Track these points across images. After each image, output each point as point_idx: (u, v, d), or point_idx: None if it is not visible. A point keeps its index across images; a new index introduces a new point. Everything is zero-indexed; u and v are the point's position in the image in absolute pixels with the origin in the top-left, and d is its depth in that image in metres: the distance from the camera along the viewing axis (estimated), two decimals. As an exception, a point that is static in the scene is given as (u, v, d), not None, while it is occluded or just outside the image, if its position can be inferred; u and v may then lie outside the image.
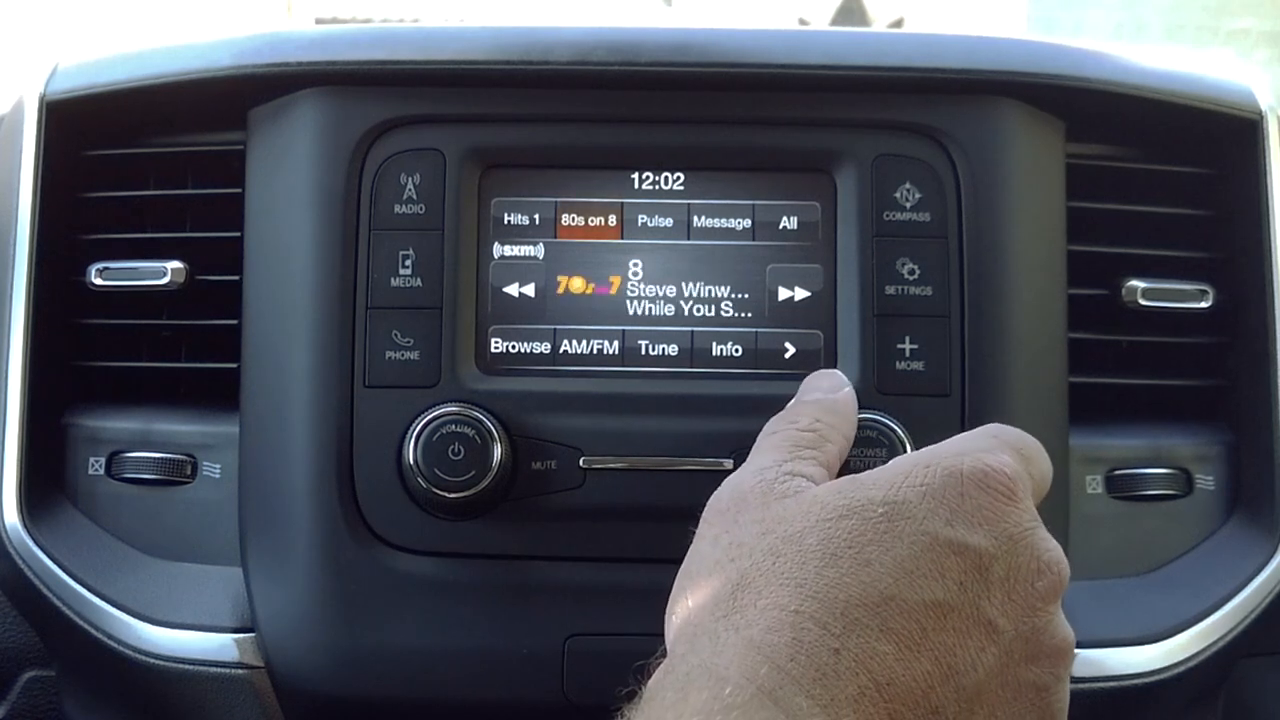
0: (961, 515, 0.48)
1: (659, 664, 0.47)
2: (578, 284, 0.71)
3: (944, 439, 0.52)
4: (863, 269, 0.70)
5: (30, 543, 0.72)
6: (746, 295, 0.71)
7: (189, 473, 0.74)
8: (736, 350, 0.70)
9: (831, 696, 0.43)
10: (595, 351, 0.70)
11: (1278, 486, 0.73)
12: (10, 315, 0.73)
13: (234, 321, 0.73)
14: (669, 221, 0.71)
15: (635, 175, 0.71)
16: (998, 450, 0.51)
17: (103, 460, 0.75)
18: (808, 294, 0.71)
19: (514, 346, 0.70)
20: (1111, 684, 0.70)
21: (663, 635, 0.52)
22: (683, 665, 0.46)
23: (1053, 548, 0.49)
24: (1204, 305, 0.76)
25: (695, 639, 0.47)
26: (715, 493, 0.54)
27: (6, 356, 0.73)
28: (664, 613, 0.53)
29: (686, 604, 0.50)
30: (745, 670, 0.44)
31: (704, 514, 0.54)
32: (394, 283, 0.69)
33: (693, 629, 0.48)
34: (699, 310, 0.71)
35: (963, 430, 0.67)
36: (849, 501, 0.49)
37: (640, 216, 0.71)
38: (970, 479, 0.49)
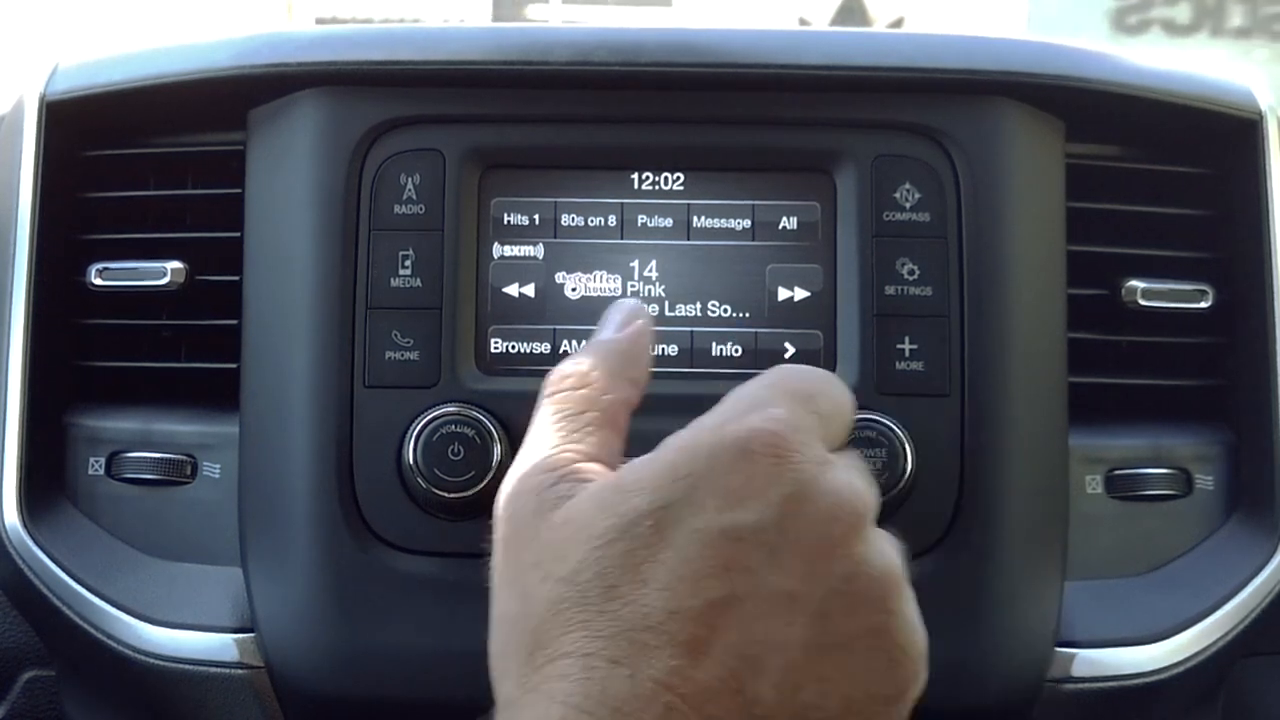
0: (730, 496, 0.45)
1: None
2: (577, 284, 0.71)
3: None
4: (862, 269, 0.70)
5: (30, 543, 0.72)
6: (746, 295, 0.71)
7: (189, 473, 0.74)
8: (736, 350, 0.70)
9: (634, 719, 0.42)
10: (595, 351, 0.70)
11: (1278, 487, 0.73)
12: (10, 315, 0.73)
13: (234, 321, 0.73)
14: (669, 222, 0.71)
15: (635, 175, 0.71)
16: (765, 404, 0.48)
17: (103, 460, 0.75)
18: (807, 294, 0.71)
19: (514, 347, 0.70)
20: (1111, 684, 0.70)
21: None
22: None
23: (839, 488, 0.46)
24: (1204, 305, 0.76)
25: (503, 710, 0.47)
26: (499, 494, 0.52)
27: (6, 356, 0.73)
28: None
29: (497, 674, 0.49)
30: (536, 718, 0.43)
31: (497, 510, 0.52)
32: (394, 283, 0.69)
33: (502, 703, 0.47)
34: (698, 310, 0.71)
35: (963, 432, 0.68)
36: (617, 520, 0.46)
37: (640, 217, 0.71)
38: (731, 452, 0.46)
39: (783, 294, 0.71)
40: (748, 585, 0.44)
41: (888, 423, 0.66)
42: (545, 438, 0.52)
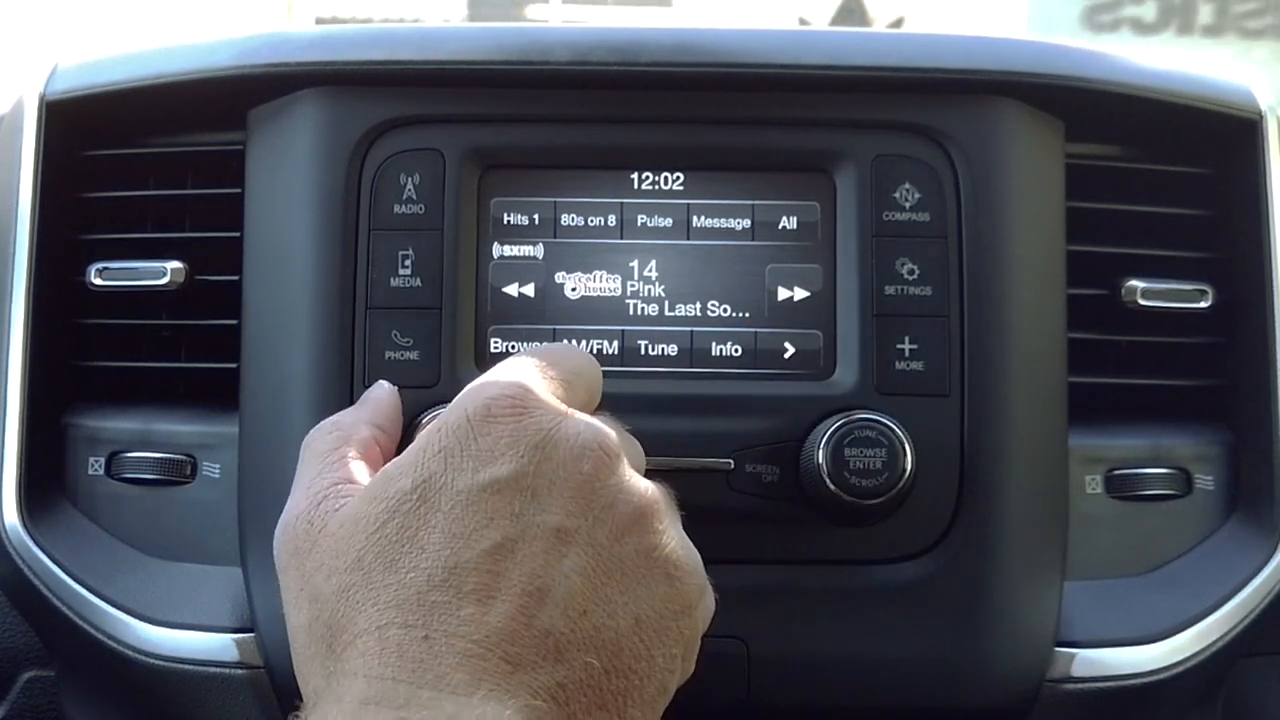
0: (483, 457, 0.49)
1: None
2: (577, 284, 0.71)
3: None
4: (862, 269, 0.70)
5: (30, 543, 0.72)
6: (746, 295, 0.71)
7: (189, 473, 0.74)
8: (736, 350, 0.70)
9: (436, 674, 0.45)
10: (595, 351, 0.70)
11: (1277, 486, 0.73)
12: (10, 315, 0.73)
13: (234, 321, 0.73)
14: (668, 221, 0.71)
15: (635, 175, 0.71)
16: (497, 374, 0.53)
17: (102, 460, 0.75)
18: (807, 294, 0.71)
19: (514, 346, 0.70)
20: (1111, 684, 0.70)
21: None
22: None
23: (581, 430, 0.50)
24: (1203, 305, 0.76)
25: (309, 701, 0.49)
26: (279, 524, 0.55)
27: (6, 356, 0.73)
28: None
29: (300, 674, 0.51)
30: (342, 694, 0.45)
31: (276, 556, 0.55)
32: (393, 283, 0.69)
33: (306, 700, 0.49)
34: (698, 310, 0.71)
35: (963, 432, 0.68)
36: (386, 504, 0.50)
37: (640, 216, 0.71)
38: (475, 419, 0.50)
39: (782, 294, 0.71)
40: (516, 529, 0.48)
41: (888, 423, 0.65)
42: (305, 475, 0.56)
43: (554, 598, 0.47)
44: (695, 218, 0.71)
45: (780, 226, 0.71)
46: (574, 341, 0.70)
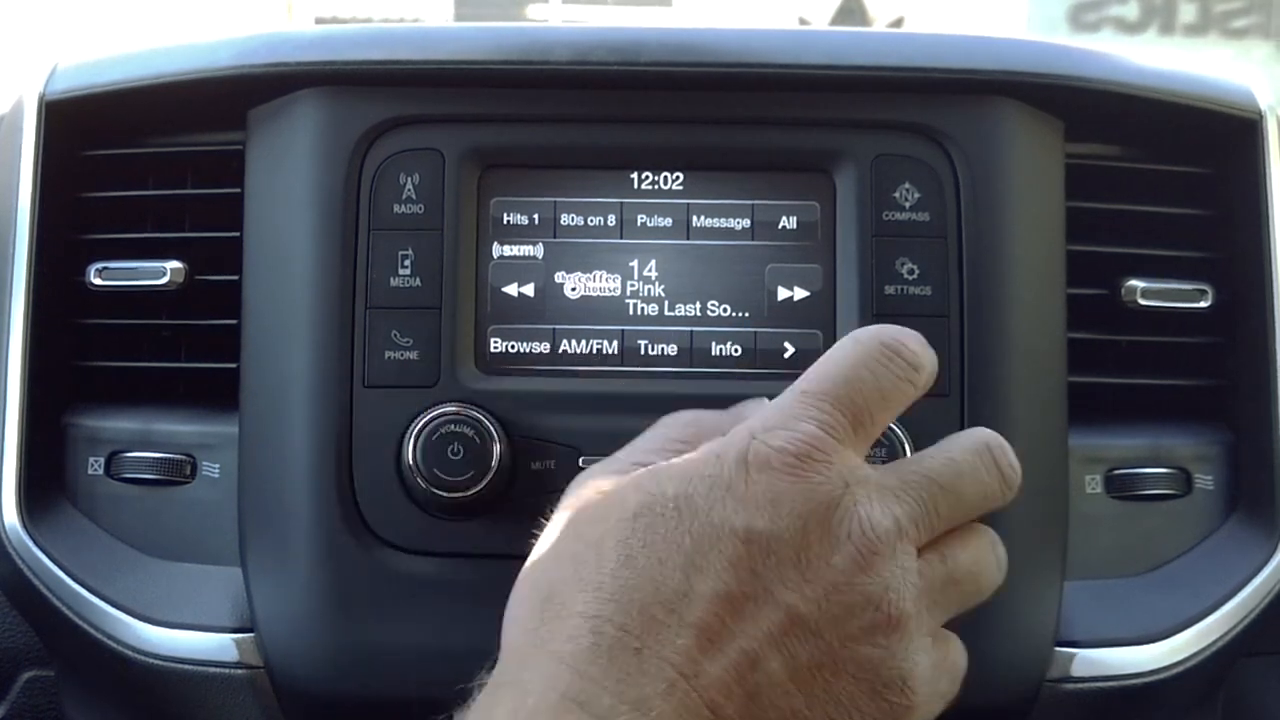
0: (749, 502, 0.47)
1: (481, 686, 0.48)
2: (577, 284, 0.71)
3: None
4: (862, 269, 0.70)
5: (30, 543, 0.72)
6: (746, 295, 0.71)
7: (188, 473, 0.74)
8: (736, 350, 0.70)
9: (639, 694, 0.43)
10: (595, 351, 0.70)
11: (1277, 486, 0.73)
12: (10, 315, 0.73)
13: (233, 321, 0.73)
14: (668, 221, 0.71)
15: (634, 175, 0.71)
16: (798, 419, 0.50)
17: (102, 460, 0.74)
18: (807, 294, 0.71)
19: (513, 346, 0.70)
20: (1111, 684, 0.70)
21: None
22: (492, 684, 0.47)
23: (852, 516, 0.47)
24: (1203, 305, 0.76)
25: (507, 658, 0.48)
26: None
27: (6, 356, 0.73)
28: None
29: (507, 620, 0.51)
30: (547, 680, 0.44)
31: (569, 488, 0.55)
32: (393, 282, 0.69)
33: (506, 650, 0.48)
34: (698, 310, 0.71)
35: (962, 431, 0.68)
36: (645, 498, 0.49)
37: (639, 216, 0.71)
38: (755, 464, 0.48)
39: (782, 294, 0.71)
40: (750, 586, 0.46)
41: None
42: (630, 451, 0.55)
43: (763, 670, 0.45)
44: (695, 217, 0.71)
45: (780, 226, 0.71)
46: (574, 341, 0.70)
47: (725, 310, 0.71)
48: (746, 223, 0.71)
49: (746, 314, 0.70)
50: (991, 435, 0.54)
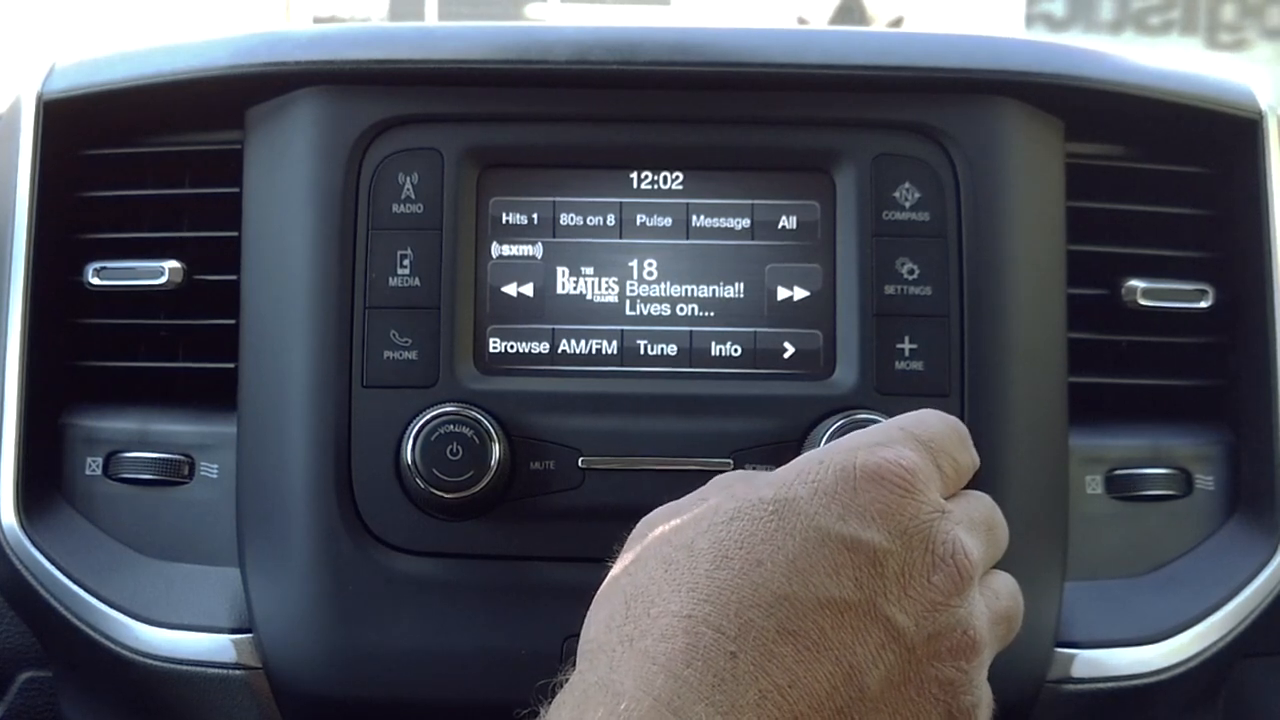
0: (854, 511, 0.47)
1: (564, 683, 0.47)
2: (576, 284, 0.71)
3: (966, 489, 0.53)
4: (862, 268, 0.69)
5: (28, 543, 0.72)
6: (745, 295, 0.70)
7: (186, 473, 0.73)
8: (735, 350, 0.70)
9: (732, 702, 0.42)
10: (594, 351, 0.70)
11: (1278, 487, 0.73)
12: (8, 315, 0.73)
13: (232, 321, 0.73)
14: (668, 221, 0.71)
15: (634, 175, 0.71)
16: (897, 443, 0.50)
17: (100, 460, 0.74)
18: (807, 294, 0.70)
19: (512, 346, 0.70)
20: (1111, 684, 0.70)
21: None
22: (580, 683, 0.45)
23: (952, 540, 0.48)
24: (1204, 305, 0.76)
25: (594, 656, 0.46)
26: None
27: (4, 357, 0.73)
28: None
29: (589, 621, 0.50)
30: (641, 683, 0.43)
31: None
32: (392, 282, 0.69)
33: (592, 646, 0.47)
34: (698, 310, 0.70)
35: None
36: (739, 503, 0.48)
37: (639, 216, 0.71)
38: (863, 474, 0.48)
39: (782, 293, 0.70)
40: (855, 595, 0.46)
41: (887, 423, 0.65)
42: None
43: (860, 681, 0.45)
44: (694, 217, 0.71)
45: (780, 226, 0.71)
46: (574, 341, 0.70)
47: (725, 310, 0.70)
48: (746, 222, 0.71)
49: (746, 314, 0.70)
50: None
